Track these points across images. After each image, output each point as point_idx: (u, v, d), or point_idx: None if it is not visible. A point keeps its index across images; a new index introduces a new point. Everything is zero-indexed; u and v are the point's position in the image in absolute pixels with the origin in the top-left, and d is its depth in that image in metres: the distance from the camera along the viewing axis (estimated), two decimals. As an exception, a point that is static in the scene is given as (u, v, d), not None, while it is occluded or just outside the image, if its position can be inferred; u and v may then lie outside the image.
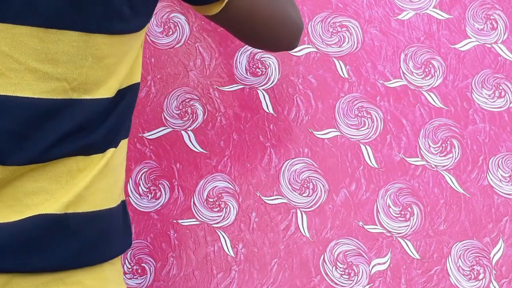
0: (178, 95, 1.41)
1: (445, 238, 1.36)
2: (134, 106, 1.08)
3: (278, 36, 1.20)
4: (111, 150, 1.01)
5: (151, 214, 1.37)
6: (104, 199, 1.01)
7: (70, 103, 0.96)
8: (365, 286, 1.34)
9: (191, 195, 1.37)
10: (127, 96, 1.03)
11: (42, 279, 0.95)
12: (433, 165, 1.39)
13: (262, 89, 1.42)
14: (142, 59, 1.10)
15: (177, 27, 1.44)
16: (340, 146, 1.39)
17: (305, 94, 1.41)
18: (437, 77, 1.43)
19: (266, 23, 1.17)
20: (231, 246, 1.35)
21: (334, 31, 1.44)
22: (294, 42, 1.25)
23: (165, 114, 1.40)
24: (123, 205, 1.07)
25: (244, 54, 1.43)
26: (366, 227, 1.36)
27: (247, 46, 1.44)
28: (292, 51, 1.43)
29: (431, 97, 1.42)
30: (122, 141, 1.05)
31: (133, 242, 1.35)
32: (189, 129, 1.39)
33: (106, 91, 0.99)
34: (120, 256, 1.05)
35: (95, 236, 0.99)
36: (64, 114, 0.96)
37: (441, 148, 1.40)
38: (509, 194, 1.38)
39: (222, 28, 1.44)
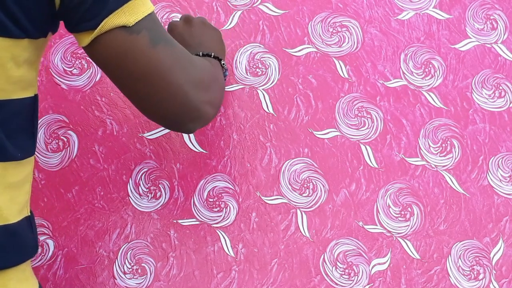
0: (178, 95, 1.41)
1: (445, 238, 1.36)
2: (11, 126, 1.05)
3: (159, 105, 1.08)
4: None
5: (151, 214, 1.37)
6: None
7: None
8: (365, 286, 1.34)
9: (191, 195, 1.37)
10: None
11: None
12: (433, 165, 1.39)
13: (262, 89, 1.42)
14: None
15: (177, 27, 1.44)
16: (340, 146, 1.39)
17: (305, 94, 1.41)
18: (437, 77, 1.43)
19: (139, 81, 1.06)
20: (231, 246, 1.35)
21: (334, 31, 1.45)
22: (184, 122, 1.11)
23: (165, 114, 1.40)
24: (27, 219, 1.09)
25: (244, 54, 1.43)
26: (366, 227, 1.36)
27: (247, 46, 1.44)
28: (292, 51, 1.43)
29: (431, 97, 1.42)
30: (5, 164, 1.04)
31: (133, 242, 1.35)
32: (189, 129, 1.40)
33: None
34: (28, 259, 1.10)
35: None
36: None
37: (441, 148, 1.40)
38: (509, 194, 1.38)
39: (222, 29, 1.44)
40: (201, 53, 1.27)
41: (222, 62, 1.28)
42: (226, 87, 1.41)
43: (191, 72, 1.10)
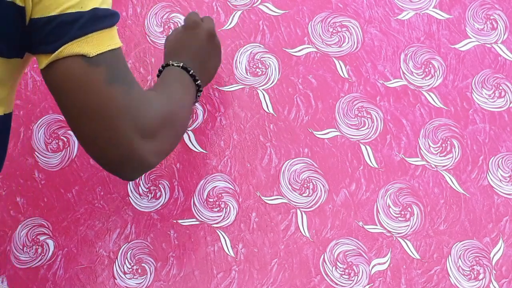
0: (178, 95, 1.41)
1: (445, 238, 1.36)
2: None
3: (101, 147, 1.03)
4: None
5: (151, 214, 1.37)
6: None
7: None
8: (365, 286, 1.34)
9: (191, 195, 1.37)
10: None
11: None
12: (433, 165, 1.39)
13: (262, 89, 1.42)
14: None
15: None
16: (340, 146, 1.39)
17: (305, 94, 1.41)
18: (437, 77, 1.43)
19: (87, 117, 1.00)
20: (231, 246, 1.35)
21: (334, 31, 1.44)
22: (124, 170, 1.06)
23: (165, 114, 1.40)
24: None
25: (244, 54, 1.43)
26: (366, 227, 1.36)
27: (247, 46, 1.44)
28: (292, 51, 1.43)
29: (431, 97, 1.42)
30: None
31: (133, 242, 1.35)
32: (189, 129, 1.39)
33: None
34: None
35: None
36: None
37: (441, 148, 1.40)
38: (509, 194, 1.38)
39: (222, 29, 1.44)
40: (181, 64, 1.24)
41: (198, 82, 1.25)
42: (226, 87, 1.41)
43: (143, 118, 1.03)
